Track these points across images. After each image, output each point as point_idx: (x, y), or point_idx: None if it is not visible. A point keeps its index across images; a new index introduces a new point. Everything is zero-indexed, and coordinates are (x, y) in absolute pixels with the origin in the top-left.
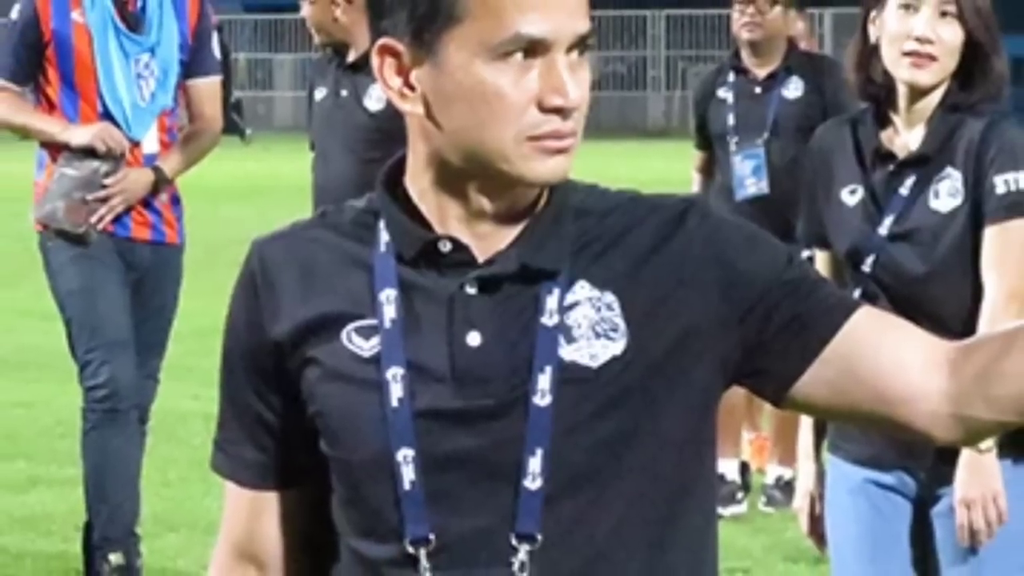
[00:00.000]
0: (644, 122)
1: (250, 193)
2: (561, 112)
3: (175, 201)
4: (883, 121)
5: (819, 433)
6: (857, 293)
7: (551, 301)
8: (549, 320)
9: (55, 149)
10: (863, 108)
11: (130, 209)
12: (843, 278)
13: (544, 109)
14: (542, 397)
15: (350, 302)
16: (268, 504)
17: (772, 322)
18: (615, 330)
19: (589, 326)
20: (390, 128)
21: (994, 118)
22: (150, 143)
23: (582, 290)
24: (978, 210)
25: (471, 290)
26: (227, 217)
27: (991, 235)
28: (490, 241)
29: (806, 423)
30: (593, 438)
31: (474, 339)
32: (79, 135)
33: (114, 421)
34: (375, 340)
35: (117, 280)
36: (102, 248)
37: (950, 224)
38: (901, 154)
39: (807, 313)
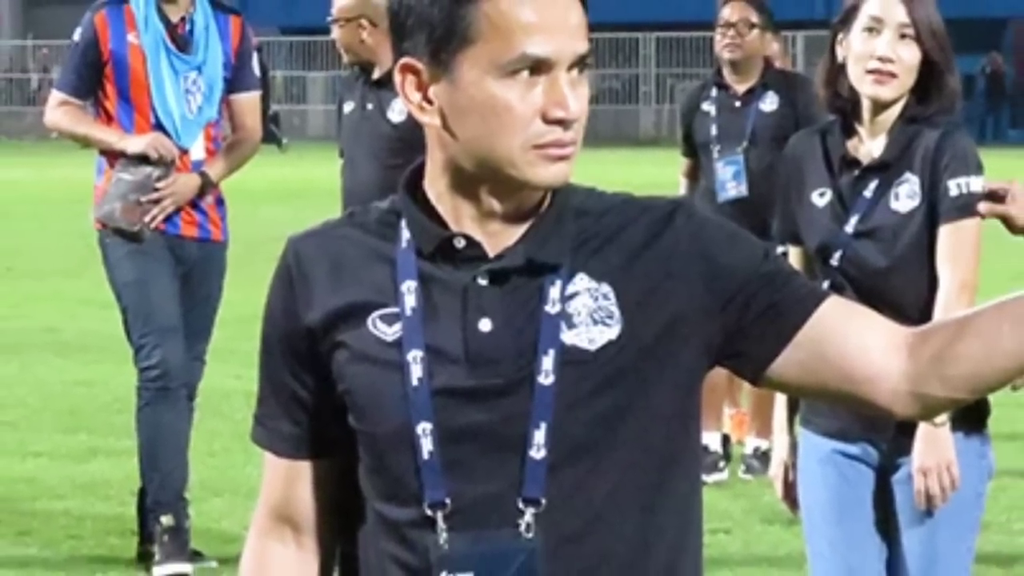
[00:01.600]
0: (636, 132)
1: (286, 195)
2: (563, 123)
3: (219, 202)
4: (849, 131)
5: (792, 409)
6: (826, 284)
7: (554, 291)
8: (552, 308)
9: (113, 156)
10: (831, 120)
11: (179, 210)
12: (813, 271)
13: (548, 121)
14: (546, 377)
15: (375, 292)
16: (302, 472)
17: (750, 310)
18: (611, 317)
19: (588, 313)
20: (411, 138)
21: (948, 128)
22: (197, 151)
23: (581, 281)
24: (933, 210)
25: (482, 281)
26: (266, 217)
27: (945, 233)
28: (500, 238)
29: (780, 400)
30: (591, 413)
31: (485, 325)
32: (134, 144)
33: (165, 398)
34: (397, 326)
35: (168, 273)
36: (154, 244)
37: (909, 223)
38: (865, 161)
39: (781, 302)
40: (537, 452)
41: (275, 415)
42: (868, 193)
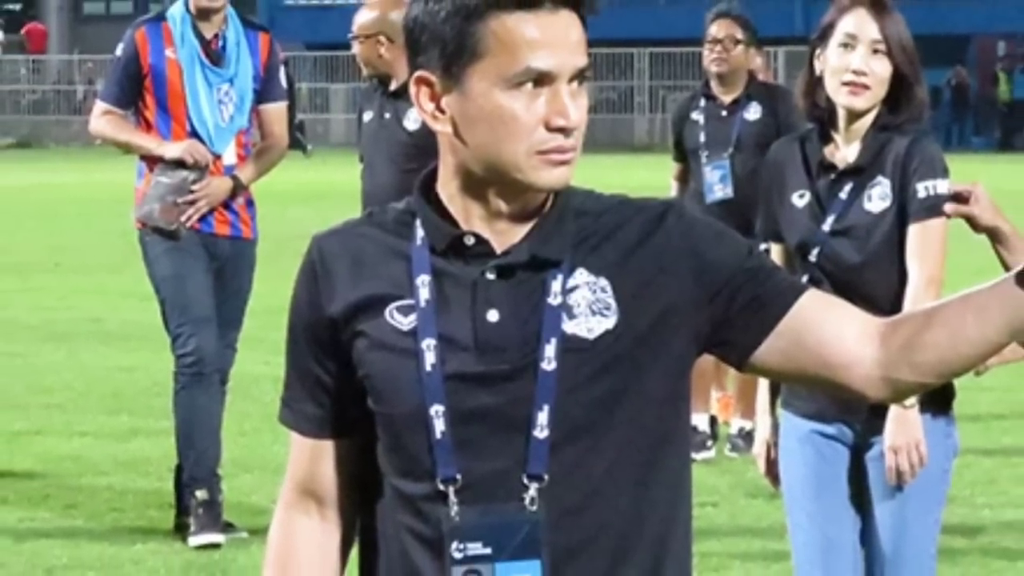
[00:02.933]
0: (631, 139)
1: (311, 197)
2: (564, 131)
3: (249, 203)
4: (826, 138)
5: (774, 392)
6: (805, 279)
7: (555, 285)
8: (554, 300)
9: (152, 161)
10: (810, 128)
11: (213, 210)
12: (793, 266)
13: (550, 128)
14: (548, 363)
15: (392, 285)
16: (325, 450)
17: (736, 302)
18: (608, 308)
19: (587, 305)
20: (425, 144)
21: (917, 136)
22: (229, 156)
23: (581, 275)
24: (903, 211)
25: (490, 276)
26: (292, 217)
27: (914, 231)
28: (506, 236)
29: (763, 384)
30: (590, 396)
31: (493, 316)
32: (171, 149)
33: (200, 383)
34: (412, 317)
35: (202, 268)
36: (190, 242)
37: (880, 222)
38: (841, 165)
39: (764, 295)
40: (540, 432)
41: (300, 398)
42: (843, 195)
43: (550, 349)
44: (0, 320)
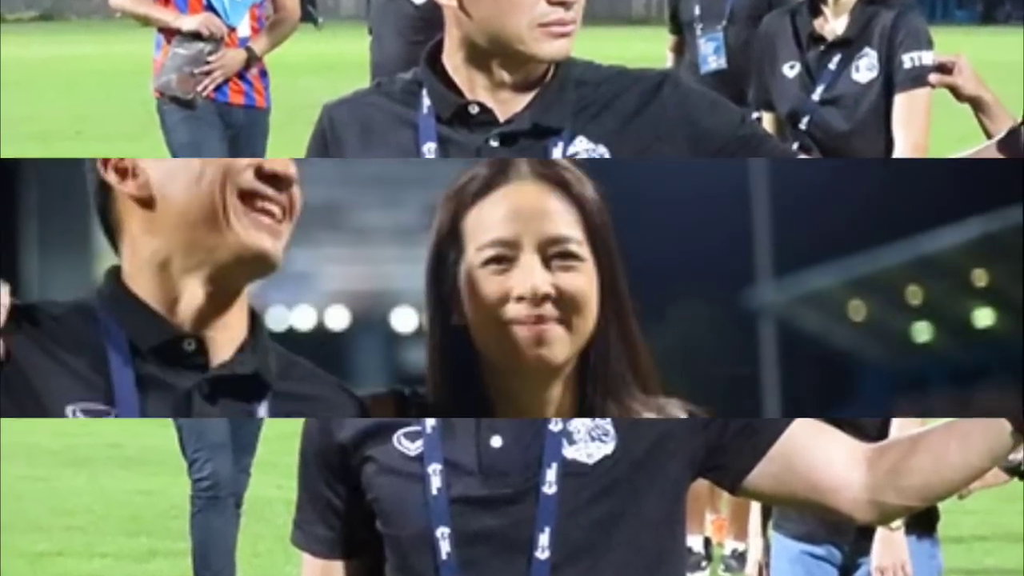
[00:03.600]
0: (629, 12)
1: (321, 68)
2: (564, 4)
3: (263, 74)
4: (816, 11)
5: (766, 515)
6: (795, 146)
7: (556, 152)
8: (555, 427)
9: (169, 33)
10: (800, 1)
11: (228, 80)
12: (784, 134)
13: (551, 2)
14: (549, 487)
15: (399, 153)
16: (336, 571)
17: (729, 428)
18: (607, 435)
19: (586, 431)
20: (431, 17)
21: (903, 9)
22: (244, 29)
23: (580, 143)
24: (890, 81)
25: (494, 143)
26: (303, 87)
27: (899, 101)
28: (509, 105)
29: (755, 507)
30: (589, 519)
31: (496, 441)
32: (188, 22)
33: (215, 506)
34: (419, 442)
35: (217, 136)
36: (206, 111)
37: (868, 92)
38: (830, 37)
39: (758, 422)
40: (542, 553)
41: (312, 520)
42: (832, 66)
43: (551, 474)
44: (24, 445)
